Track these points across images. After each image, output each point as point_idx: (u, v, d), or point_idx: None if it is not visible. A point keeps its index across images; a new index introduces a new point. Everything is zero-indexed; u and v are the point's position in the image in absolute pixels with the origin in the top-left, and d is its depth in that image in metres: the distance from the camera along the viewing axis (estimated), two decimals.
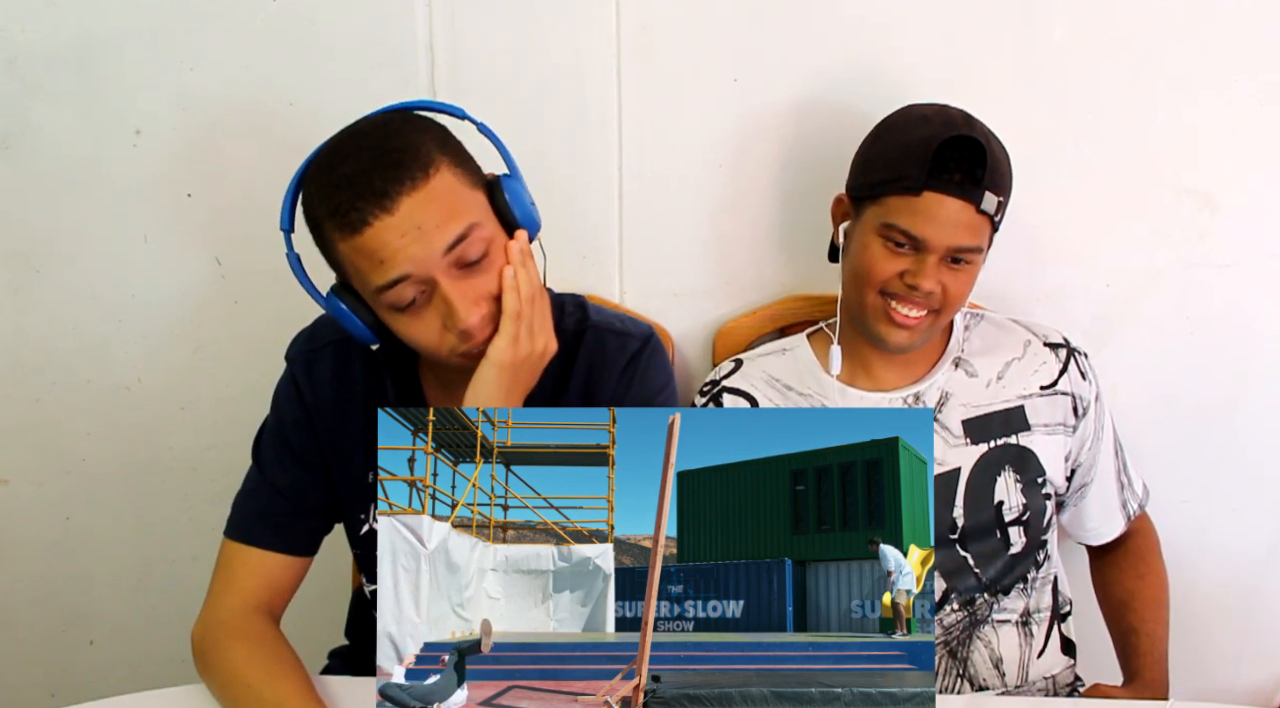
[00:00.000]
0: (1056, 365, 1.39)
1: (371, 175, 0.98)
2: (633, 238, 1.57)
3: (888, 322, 1.28)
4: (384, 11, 1.48)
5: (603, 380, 1.20)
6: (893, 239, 1.24)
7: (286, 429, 1.21)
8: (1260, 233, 1.54)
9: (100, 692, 1.14)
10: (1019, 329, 1.42)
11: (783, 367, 1.41)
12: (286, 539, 1.20)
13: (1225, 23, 1.44)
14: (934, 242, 1.22)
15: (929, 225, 1.22)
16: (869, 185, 1.28)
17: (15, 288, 1.65)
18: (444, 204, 1.01)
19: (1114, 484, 1.44)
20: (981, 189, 1.20)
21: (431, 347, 1.06)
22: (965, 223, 1.22)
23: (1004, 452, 1.36)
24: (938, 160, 1.20)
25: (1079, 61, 1.46)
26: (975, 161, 1.20)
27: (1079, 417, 1.39)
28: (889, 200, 1.24)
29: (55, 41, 1.52)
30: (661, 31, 1.48)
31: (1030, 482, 1.36)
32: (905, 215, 1.22)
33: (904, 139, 1.24)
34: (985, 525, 1.35)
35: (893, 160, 1.24)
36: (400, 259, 0.99)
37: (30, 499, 1.77)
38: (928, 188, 1.20)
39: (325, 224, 1.02)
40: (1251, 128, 1.49)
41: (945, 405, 1.36)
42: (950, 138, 1.20)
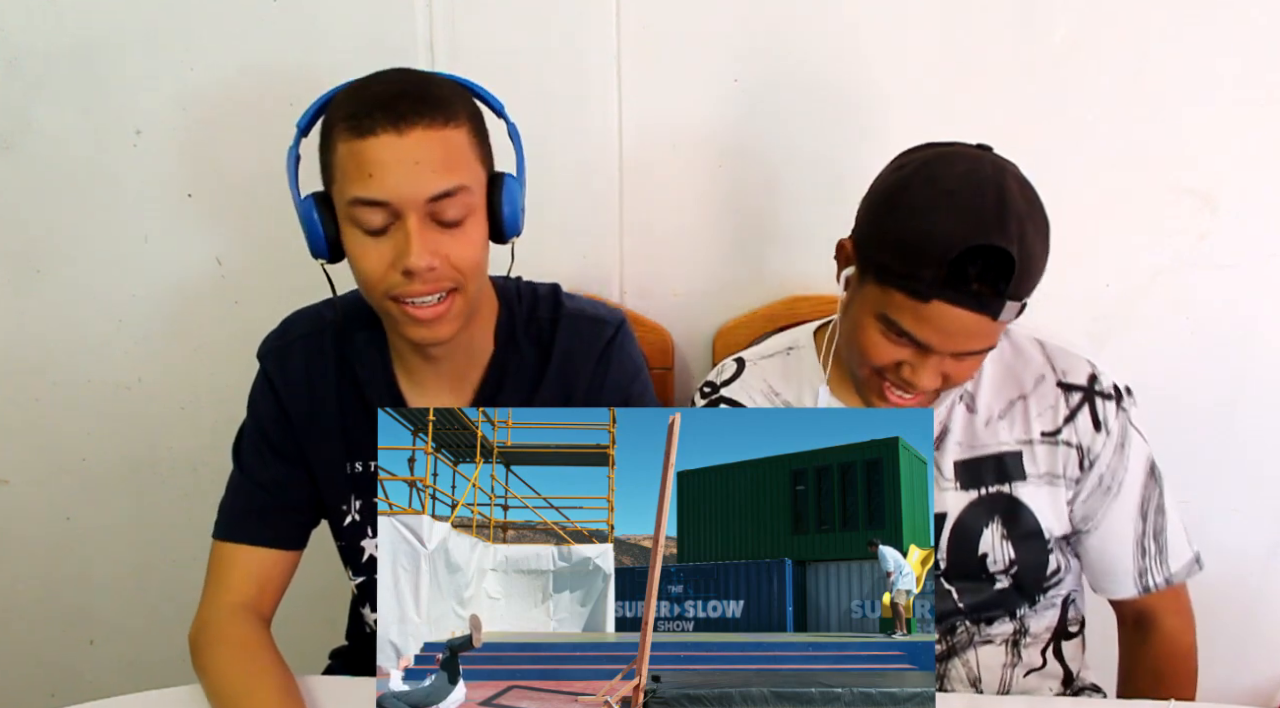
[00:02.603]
0: (1064, 411, 1.23)
1: (399, 99, 1.02)
2: (633, 238, 1.57)
3: (881, 399, 1.17)
4: (384, 11, 1.48)
5: (579, 366, 1.21)
6: (893, 331, 1.10)
7: (264, 426, 1.22)
8: (1260, 233, 1.54)
9: (100, 692, 1.14)
10: (1037, 359, 1.25)
11: (784, 373, 1.30)
12: (272, 533, 1.20)
13: (1225, 23, 1.44)
14: (939, 348, 1.08)
15: (935, 334, 1.07)
16: (874, 264, 1.10)
17: (15, 288, 1.65)
18: (449, 155, 1.03)
19: (1128, 549, 1.26)
20: (1002, 300, 1.04)
21: (373, 278, 1.06)
22: (977, 332, 1.07)
23: (993, 501, 1.23)
24: (955, 269, 1.03)
25: (1079, 61, 1.46)
26: (1001, 272, 1.03)
27: (1084, 470, 1.23)
28: (893, 293, 1.07)
29: (55, 41, 1.52)
30: (661, 31, 1.47)
31: (1021, 537, 1.24)
32: (909, 317, 1.07)
33: (920, 226, 1.04)
34: (968, 571, 1.25)
35: (903, 250, 1.05)
36: (387, 182, 1.01)
37: (30, 499, 1.77)
38: (939, 297, 1.04)
39: (337, 126, 1.03)
40: (1251, 128, 1.49)
41: (943, 442, 1.24)
42: (973, 246, 1.02)
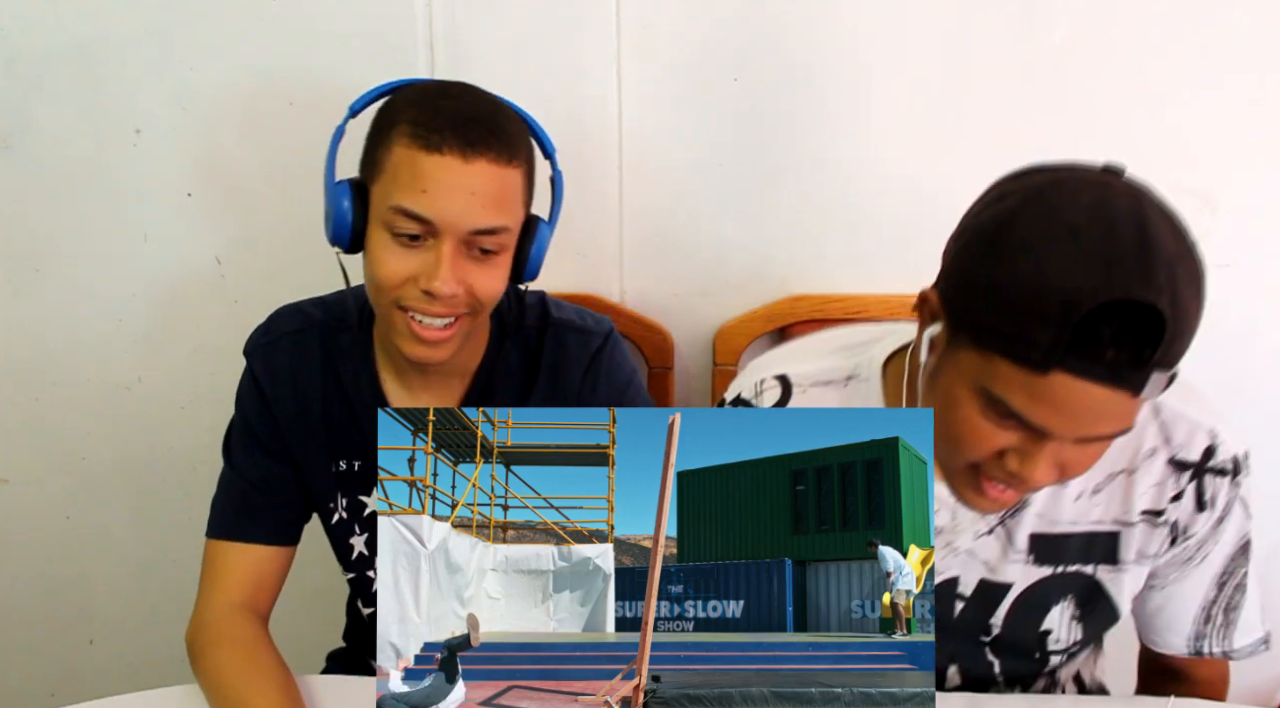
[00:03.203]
0: (1170, 491, 1.05)
1: (473, 122, 1.03)
2: (633, 238, 1.57)
3: (976, 494, 0.94)
4: (384, 11, 1.48)
5: (567, 379, 1.21)
6: (997, 411, 0.86)
7: (251, 423, 1.22)
8: (1260, 233, 1.54)
9: (100, 692, 1.13)
10: (1151, 428, 1.04)
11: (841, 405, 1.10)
12: (265, 529, 1.20)
13: (1224, 23, 1.44)
14: (1059, 432, 0.85)
15: (1054, 415, 0.83)
16: (970, 322, 0.86)
17: (15, 288, 1.65)
18: (503, 193, 1.05)
19: (1192, 613, 1.12)
20: (1147, 371, 0.80)
21: (389, 284, 1.05)
22: (1110, 412, 0.83)
23: (1071, 581, 1.08)
24: (1084, 329, 0.79)
25: (1079, 61, 1.46)
26: (1147, 336, 0.79)
27: (1173, 545, 1.08)
28: (998, 362, 0.83)
29: (55, 41, 1.52)
30: (661, 31, 1.47)
31: (1093, 619, 1.11)
32: (1019, 393, 0.83)
33: (1034, 273, 0.81)
34: (1023, 642, 1.12)
35: (1011, 305, 0.82)
36: (438, 202, 1.02)
37: (30, 499, 1.77)
38: (1061, 368, 0.80)
39: (400, 125, 1.03)
40: (1251, 128, 1.48)
41: (1020, 512, 1.06)
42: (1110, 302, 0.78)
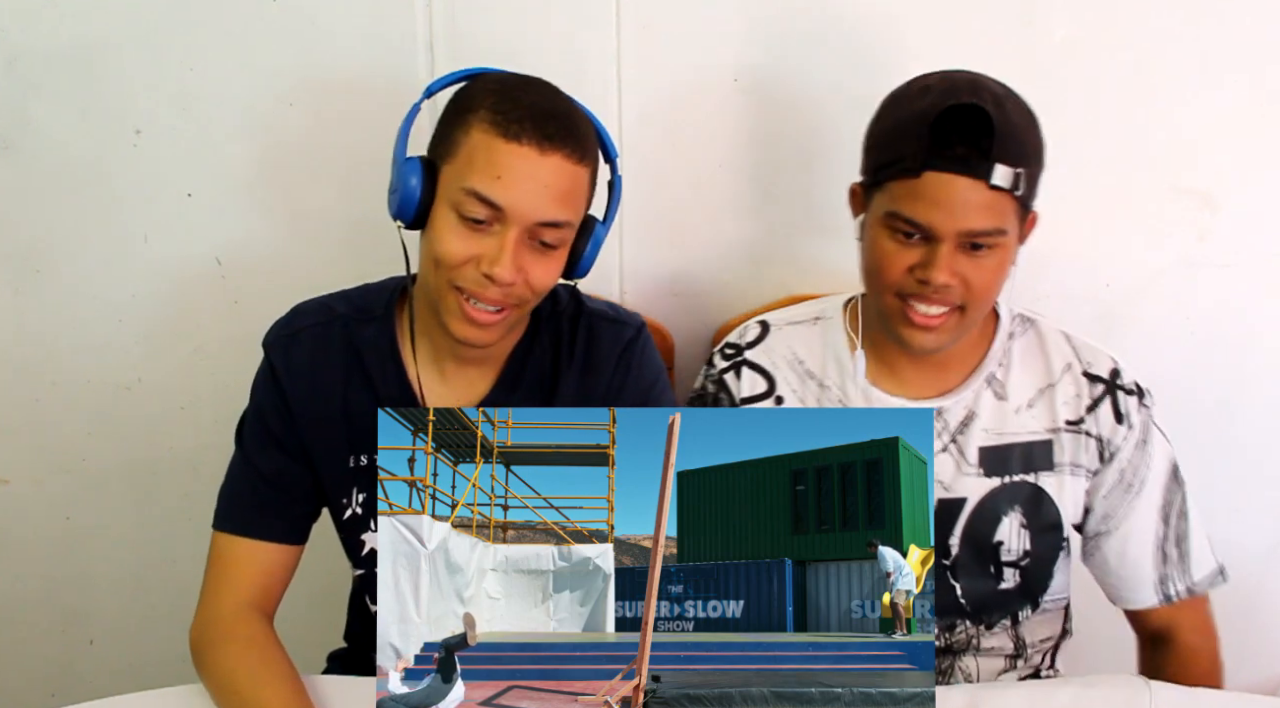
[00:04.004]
0: (1086, 400, 1.24)
1: (552, 118, 1.06)
2: (633, 238, 1.57)
3: (907, 324, 1.15)
4: (384, 11, 1.48)
5: (599, 369, 1.22)
6: (899, 229, 1.11)
7: (266, 416, 1.21)
8: (1260, 233, 1.54)
9: (100, 692, 1.13)
10: (1065, 349, 1.27)
11: (809, 343, 1.30)
12: (279, 527, 1.20)
13: (1224, 23, 1.44)
14: (942, 228, 1.08)
15: (934, 210, 1.08)
16: (871, 170, 1.15)
17: (15, 288, 1.65)
18: (573, 189, 1.08)
19: (1148, 551, 1.26)
20: (991, 162, 1.05)
21: (450, 262, 1.07)
22: (976, 203, 1.07)
23: (1016, 490, 1.24)
24: (937, 134, 1.06)
25: (1079, 61, 1.46)
26: (981, 131, 1.05)
27: (1104, 462, 1.25)
28: (891, 186, 1.11)
29: (55, 41, 1.52)
30: (661, 31, 1.48)
31: (1041, 528, 1.25)
32: (907, 201, 1.09)
33: (901, 114, 1.11)
34: (979, 561, 1.27)
35: (891, 139, 1.11)
36: (512, 190, 1.04)
37: (30, 499, 1.77)
38: (928, 167, 1.07)
39: (480, 110, 1.05)
40: (1251, 128, 1.49)
41: (968, 427, 1.25)
42: (949, 107, 1.06)
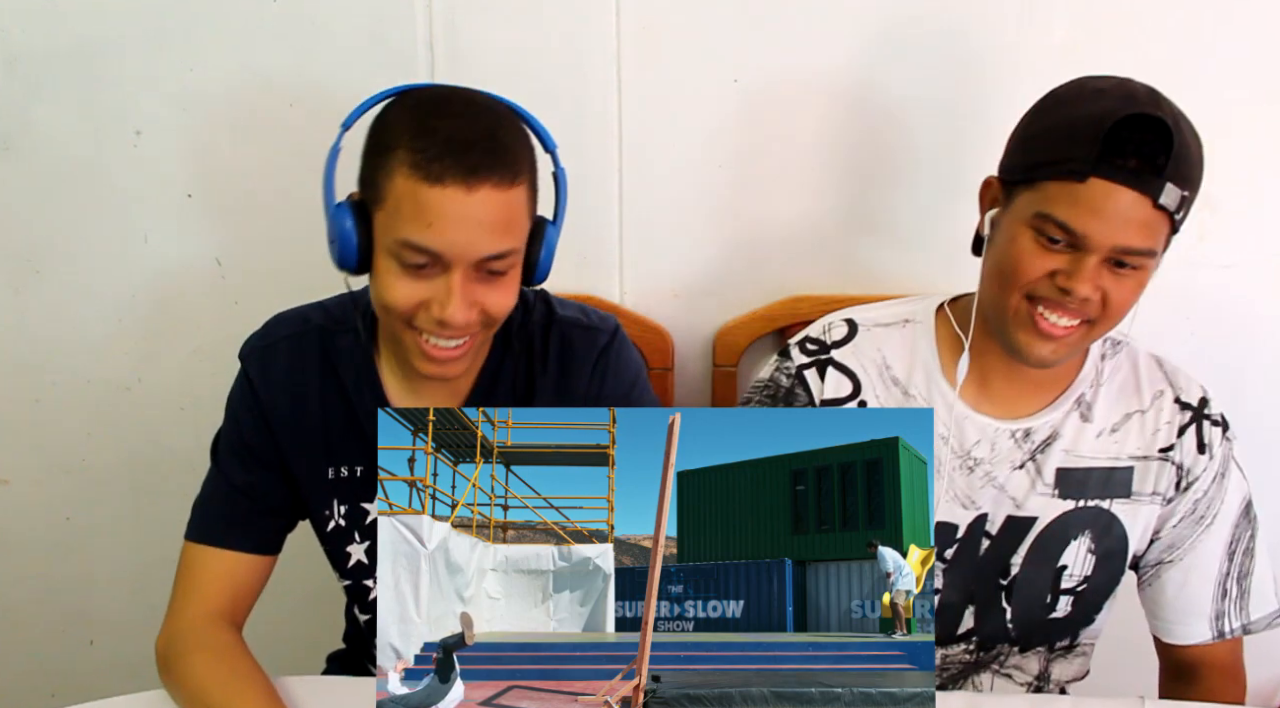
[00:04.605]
0: (1176, 427, 1.22)
1: (473, 147, 1.00)
2: (633, 238, 1.57)
3: (1031, 330, 1.09)
4: (384, 11, 1.48)
5: (575, 377, 1.20)
6: (1047, 233, 1.05)
7: (243, 431, 1.20)
8: (1260, 233, 1.54)
9: (100, 692, 1.13)
10: (1158, 374, 1.24)
11: (898, 348, 1.24)
12: (249, 537, 1.19)
13: (1225, 23, 1.44)
14: (1097, 239, 1.03)
15: (1093, 219, 1.02)
16: (1025, 167, 1.08)
17: (15, 288, 1.65)
18: (510, 217, 1.03)
19: (1208, 585, 1.23)
20: (1163, 179, 1.00)
21: (399, 310, 1.04)
22: (1138, 220, 1.02)
23: (1090, 515, 1.21)
24: (1111, 142, 1.00)
25: (1079, 61, 1.46)
26: (1158, 146, 1.00)
27: (1179, 491, 1.22)
28: (1048, 186, 1.04)
29: (55, 41, 1.52)
30: (661, 31, 1.47)
31: (1107, 554, 1.23)
32: (1065, 205, 1.03)
33: (1072, 114, 1.05)
34: (1038, 584, 1.24)
35: (1056, 139, 1.05)
36: (446, 236, 1.00)
37: (30, 499, 1.77)
38: (1095, 174, 1.01)
39: (399, 150, 1.00)
40: (1251, 128, 1.48)
41: (1049, 447, 1.21)
42: (1129, 116, 1.00)
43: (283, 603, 1.25)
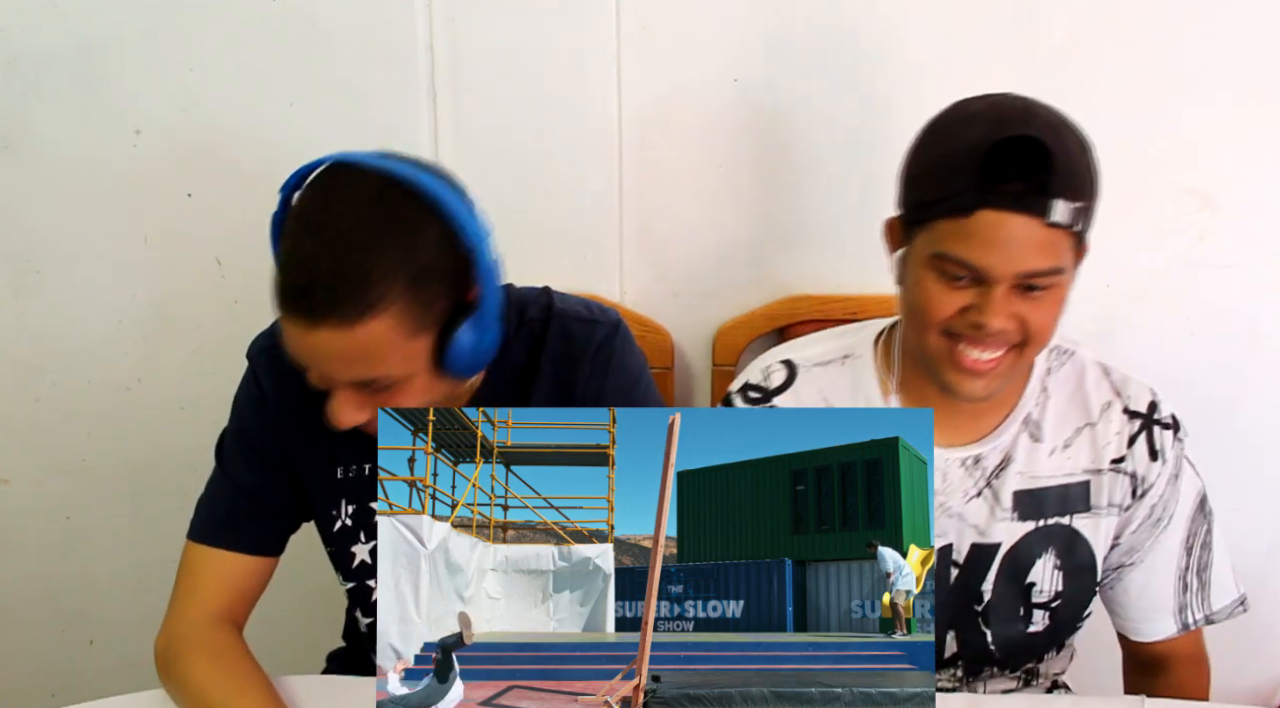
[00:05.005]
0: (1126, 437, 1.19)
1: (315, 289, 0.94)
2: (633, 238, 1.57)
3: (957, 368, 1.06)
4: (384, 11, 1.48)
5: (574, 370, 1.17)
6: (949, 272, 1.02)
7: (248, 429, 1.20)
8: (1260, 233, 1.54)
9: (100, 692, 1.14)
10: (1105, 386, 1.21)
11: (839, 386, 1.22)
12: (251, 540, 1.19)
13: (1225, 23, 1.44)
14: (998, 270, 1.00)
15: (989, 252, 0.99)
16: (914, 207, 1.06)
17: (15, 288, 1.65)
18: (362, 352, 0.97)
19: (1170, 582, 1.23)
20: (1048, 197, 0.98)
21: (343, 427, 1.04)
22: (1034, 242, 0.99)
23: (1051, 533, 1.20)
24: (990, 169, 0.97)
25: (1079, 61, 1.46)
26: (1037, 165, 0.97)
27: (1135, 499, 1.20)
28: (938, 225, 1.01)
29: (55, 41, 1.52)
30: (661, 31, 1.47)
31: (1074, 568, 1.21)
32: (958, 242, 1.00)
33: (947, 148, 1.02)
34: (1011, 604, 1.22)
35: (937, 176, 1.02)
36: (305, 362, 1.00)
37: (30, 499, 1.77)
38: (981, 206, 0.98)
39: (275, 275, 0.98)
40: (1251, 128, 1.48)
41: (1004, 471, 1.19)
42: (1002, 140, 0.97)
43: (283, 603, 1.25)
